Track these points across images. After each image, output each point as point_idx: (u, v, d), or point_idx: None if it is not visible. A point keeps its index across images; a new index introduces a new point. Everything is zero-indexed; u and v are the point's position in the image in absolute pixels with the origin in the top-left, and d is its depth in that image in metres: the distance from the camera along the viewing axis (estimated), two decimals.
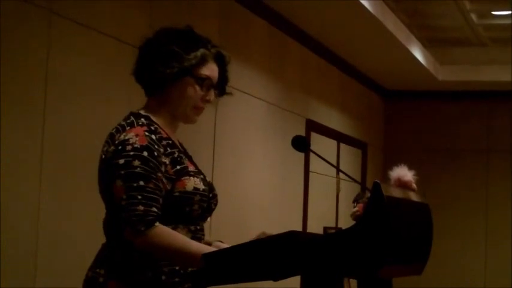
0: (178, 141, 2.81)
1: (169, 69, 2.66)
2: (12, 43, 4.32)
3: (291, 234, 2.33)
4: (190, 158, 2.78)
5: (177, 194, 2.60)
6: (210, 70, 2.74)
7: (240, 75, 6.97)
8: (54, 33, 4.61)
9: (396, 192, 2.50)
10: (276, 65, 7.86)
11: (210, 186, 2.73)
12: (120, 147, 2.57)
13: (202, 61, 2.71)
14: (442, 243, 10.13)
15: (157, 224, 2.50)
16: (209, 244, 2.76)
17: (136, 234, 2.48)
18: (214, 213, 2.79)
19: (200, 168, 2.78)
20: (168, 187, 2.59)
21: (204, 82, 2.73)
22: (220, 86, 2.83)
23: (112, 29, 5.11)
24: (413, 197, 2.64)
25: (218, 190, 2.80)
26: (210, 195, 2.72)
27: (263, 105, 7.55)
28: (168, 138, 2.67)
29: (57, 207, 4.63)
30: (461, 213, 11.19)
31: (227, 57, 2.81)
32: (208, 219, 2.79)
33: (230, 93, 2.88)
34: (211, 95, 2.77)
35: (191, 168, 2.67)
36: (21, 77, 4.39)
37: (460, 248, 11.13)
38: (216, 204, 2.78)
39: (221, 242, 2.81)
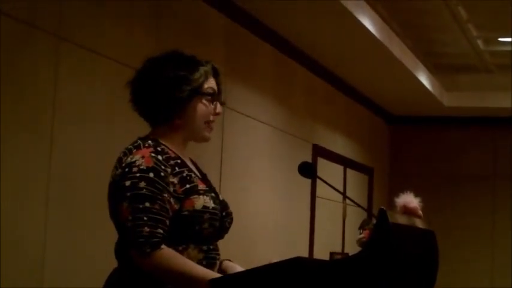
0: (192, 159, 2.82)
1: (182, 93, 2.69)
2: (20, 68, 4.35)
3: (297, 260, 2.33)
4: (203, 176, 2.79)
5: (185, 213, 2.59)
6: (212, 84, 2.78)
7: (246, 100, 6.99)
8: (62, 59, 4.63)
9: (402, 219, 2.51)
10: (282, 90, 7.88)
11: (222, 205, 2.74)
12: (126, 170, 2.58)
13: (205, 78, 2.76)
14: (448, 270, 10.10)
15: (163, 246, 2.50)
16: (220, 262, 2.76)
17: (142, 255, 2.49)
18: None
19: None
20: (176, 207, 2.58)
21: (212, 97, 2.77)
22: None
23: (119, 54, 5.13)
24: (419, 224, 2.65)
25: None
26: (224, 213, 2.72)
27: (269, 130, 7.56)
28: (177, 158, 2.67)
29: (63, 232, 4.63)
30: (467, 240, 11.16)
31: (219, 69, 2.84)
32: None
33: (224, 103, 2.88)
34: (219, 107, 2.80)
35: (201, 186, 2.67)
36: (29, 102, 4.41)
37: (466, 275, 11.08)
38: (230, 223, 2.77)
39: (230, 260, 2.81)
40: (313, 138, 8.69)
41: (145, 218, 2.50)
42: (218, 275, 2.50)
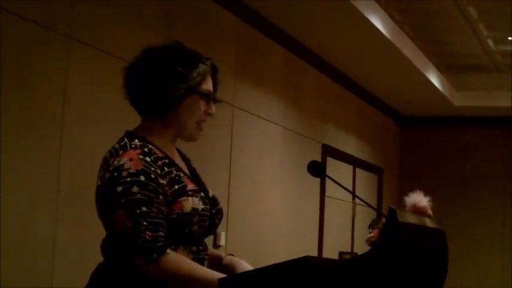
0: (179, 150, 2.77)
1: (177, 92, 2.61)
2: (31, 68, 4.36)
3: (306, 259, 2.33)
4: (192, 172, 2.75)
5: (174, 216, 2.53)
6: (209, 84, 2.71)
7: (256, 101, 6.99)
8: (73, 59, 4.65)
9: (412, 218, 2.51)
10: (293, 91, 7.89)
11: (212, 202, 2.67)
12: (115, 174, 2.53)
13: (203, 77, 2.68)
14: (458, 270, 10.08)
15: (168, 250, 2.46)
16: (220, 258, 2.76)
17: (149, 262, 2.44)
18: (230, 237, 2.79)
19: (211, 184, 2.75)
20: (167, 209, 2.53)
21: (208, 97, 2.69)
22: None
23: (130, 54, 5.11)
24: (429, 223, 2.64)
25: (234, 214, 2.77)
26: (213, 210, 2.66)
27: (279, 130, 7.57)
28: (165, 157, 2.60)
29: (73, 230, 4.64)
30: (478, 240, 11.13)
31: (219, 66, 2.76)
32: (224, 235, 2.76)
33: (220, 101, 2.78)
34: (213, 107, 2.72)
35: (190, 186, 2.59)
36: (39, 102, 4.43)
37: (476, 275, 11.06)
38: (220, 219, 2.73)
39: (232, 255, 2.79)
40: (323, 138, 8.70)
41: (145, 223, 2.44)
42: (223, 275, 2.47)
